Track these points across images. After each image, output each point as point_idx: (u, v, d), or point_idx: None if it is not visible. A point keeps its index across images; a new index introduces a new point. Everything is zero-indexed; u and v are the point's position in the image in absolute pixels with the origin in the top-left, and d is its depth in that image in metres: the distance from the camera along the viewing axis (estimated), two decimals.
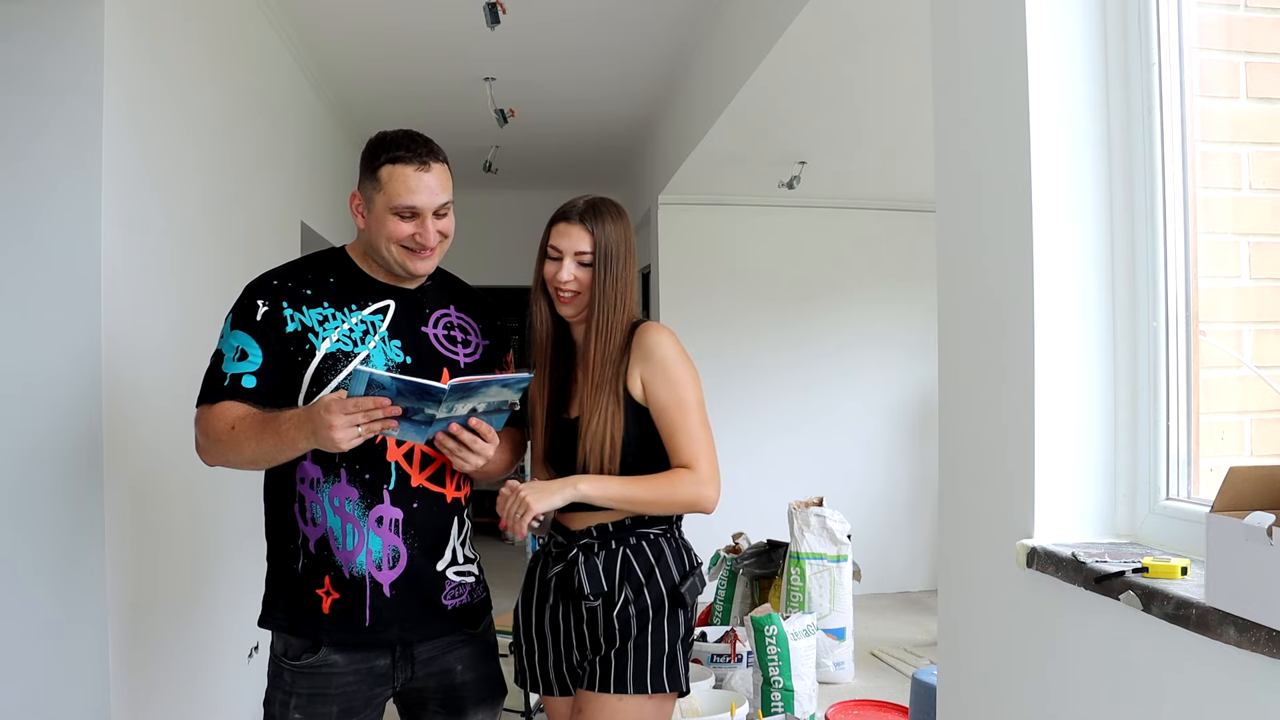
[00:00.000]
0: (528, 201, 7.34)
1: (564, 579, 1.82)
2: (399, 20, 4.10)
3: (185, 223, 2.95)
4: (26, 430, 2.27)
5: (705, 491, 1.77)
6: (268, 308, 1.72)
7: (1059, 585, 1.43)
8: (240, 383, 1.69)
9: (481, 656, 1.87)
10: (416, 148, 1.71)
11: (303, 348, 1.71)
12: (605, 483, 1.75)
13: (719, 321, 5.94)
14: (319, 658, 1.72)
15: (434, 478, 1.76)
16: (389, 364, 1.73)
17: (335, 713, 1.72)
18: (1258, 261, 1.50)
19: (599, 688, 1.75)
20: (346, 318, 1.74)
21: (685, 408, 1.78)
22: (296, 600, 1.74)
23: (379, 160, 1.72)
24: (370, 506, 1.71)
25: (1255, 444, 1.48)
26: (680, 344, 1.84)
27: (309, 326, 1.72)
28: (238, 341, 1.71)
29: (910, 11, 2.98)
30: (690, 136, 4.85)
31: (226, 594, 3.19)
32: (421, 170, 1.70)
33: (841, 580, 4.52)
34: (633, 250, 1.86)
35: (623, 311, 1.81)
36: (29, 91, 2.28)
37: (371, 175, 1.73)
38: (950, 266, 1.81)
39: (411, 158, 1.70)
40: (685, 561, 1.85)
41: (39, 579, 2.27)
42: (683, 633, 1.82)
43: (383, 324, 1.76)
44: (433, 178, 1.71)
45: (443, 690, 1.82)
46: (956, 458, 1.79)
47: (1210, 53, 1.48)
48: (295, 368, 1.70)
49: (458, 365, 1.80)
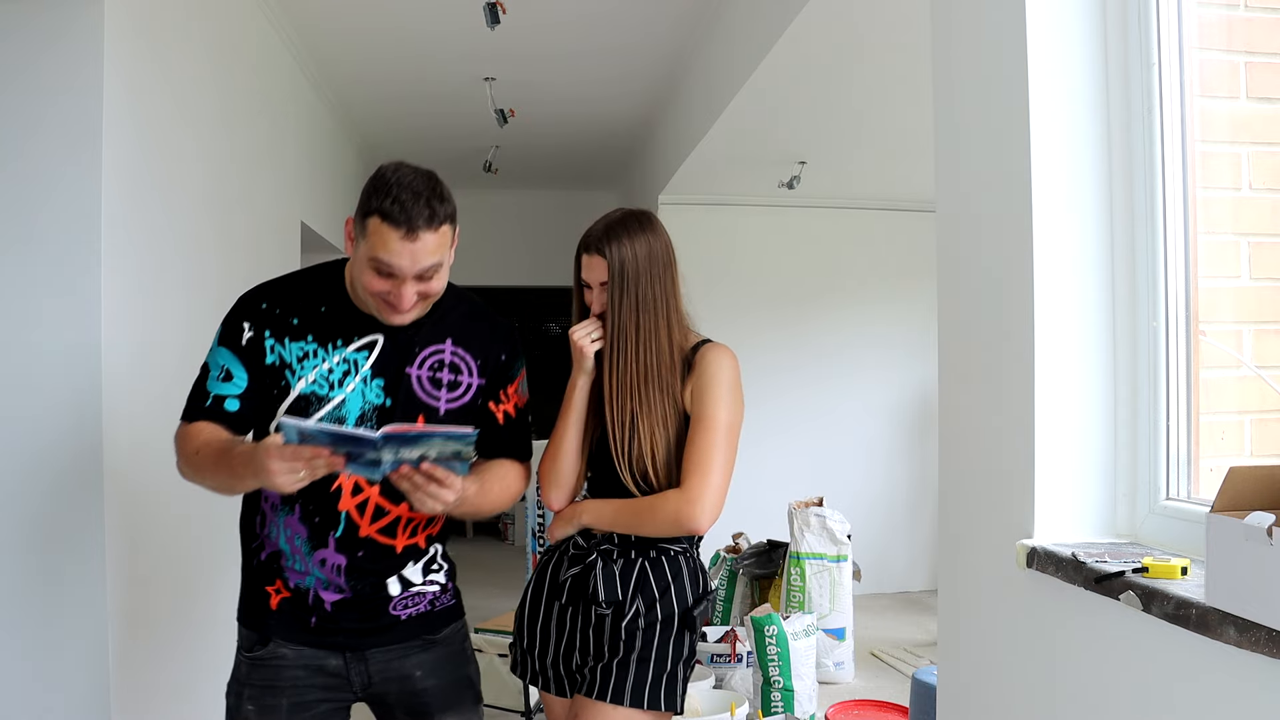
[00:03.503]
0: (528, 201, 7.34)
1: (579, 582, 1.82)
2: (399, 20, 4.10)
3: (186, 222, 2.95)
4: (26, 430, 2.27)
5: (686, 509, 1.73)
6: (252, 333, 1.67)
7: (1059, 585, 1.43)
8: (223, 405, 1.67)
9: (444, 662, 1.82)
10: (412, 210, 1.54)
11: (278, 382, 1.67)
12: (601, 509, 1.82)
13: (719, 321, 5.86)
14: (269, 650, 1.74)
15: (385, 529, 1.71)
16: (366, 406, 1.67)
17: (285, 706, 1.73)
18: (1258, 261, 1.50)
19: (596, 695, 1.75)
20: (328, 356, 1.68)
21: (708, 424, 1.76)
22: (250, 594, 1.78)
23: (371, 205, 1.57)
24: (315, 548, 1.70)
25: (1255, 444, 1.48)
26: (736, 369, 1.81)
27: (287, 363, 1.67)
28: (223, 360, 1.68)
29: (910, 11, 2.98)
30: (690, 136, 4.85)
31: (226, 596, 3.18)
32: (407, 240, 1.55)
33: (841, 580, 4.52)
34: (661, 262, 1.80)
35: (652, 328, 1.78)
36: (29, 91, 2.28)
37: (361, 217, 1.59)
38: (950, 266, 1.81)
39: (401, 222, 1.54)
40: (700, 584, 1.84)
41: (38, 581, 2.27)
42: (686, 654, 1.82)
43: (367, 361, 1.69)
44: (420, 246, 1.56)
45: (405, 696, 1.79)
46: (956, 458, 1.79)
47: (1210, 53, 1.48)
48: (270, 399, 1.68)
49: (436, 412, 1.72)
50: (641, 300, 1.78)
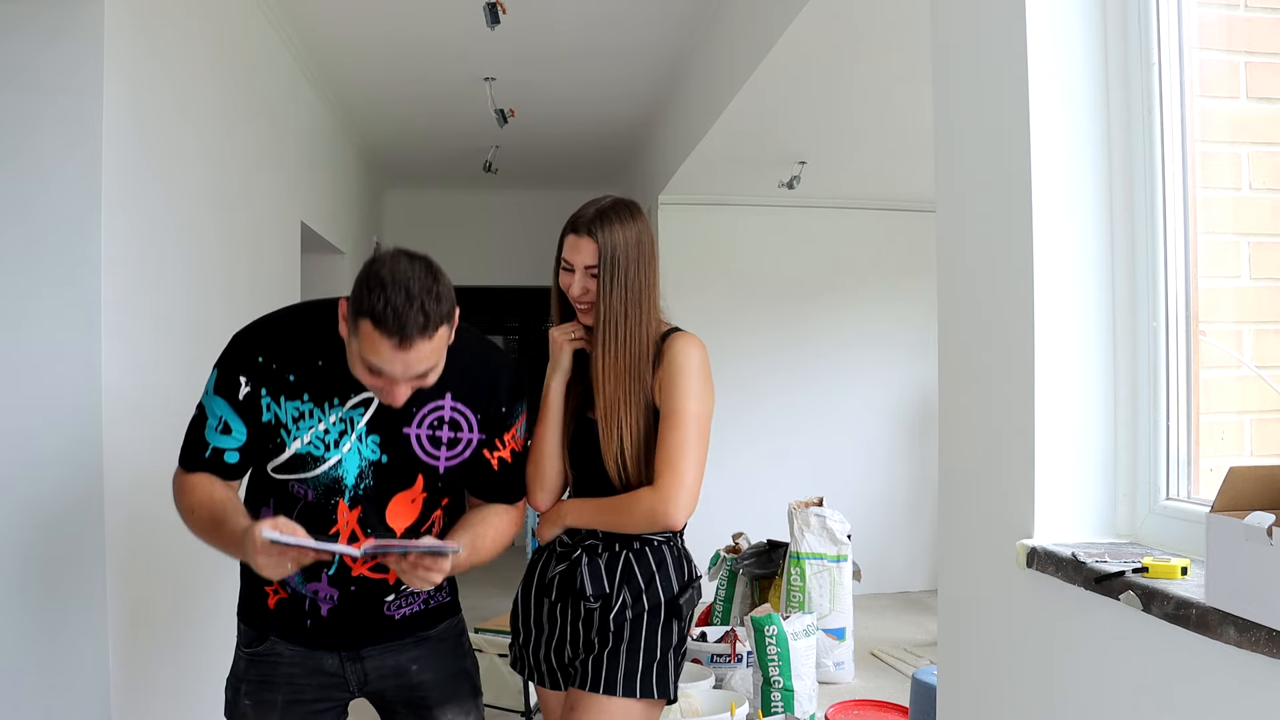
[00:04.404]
0: (528, 201, 7.34)
1: (566, 578, 1.84)
2: (399, 20, 4.10)
3: (186, 221, 2.95)
4: (26, 434, 2.27)
5: (660, 507, 1.73)
6: (249, 389, 1.65)
7: (1059, 585, 1.43)
8: (223, 458, 1.68)
9: (440, 655, 1.84)
10: (402, 321, 1.46)
11: (274, 440, 1.67)
12: (582, 508, 1.84)
13: (718, 321, 5.92)
14: (266, 647, 1.77)
15: (377, 568, 1.71)
16: (363, 463, 1.67)
17: (281, 701, 1.75)
18: (1258, 261, 1.50)
19: (589, 687, 1.77)
20: (324, 416, 1.65)
21: (680, 419, 1.75)
22: (249, 592, 1.81)
23: (363, 307, 1.48)
24: (308, 580, 1.72)
25: (1255, 444, 1.48)
26: (705, 358, 1.80)
27: (283, 422, 1.66)
28: (220, 411, 1.67)
29: (910, 11, 2.98)
30: (690, 136, 4.85)
31: (227, 596, 3.18)
32: (400, 350, 1.48)
33: (841, 580, 4.52)
34: (648, 253, 1.80)
35: (638, 318, 1.78)
36: (29, 90, 2.28)
37: (354, 314, 1.51)
38: (950, 266, 1.81)
39: (394, 331, 1.47)
40: (685, 572, 1.85)
41: (38, 591, 2.27)
42: (675, 642, 1.83)
43: (363, 418, 1.67)
44: (413, 355, 1.49)
45: (403, 690, 1.81)
46: (956, 458, 1.79)
47: (1210, 53, 1.48)
48: (266, 452, 1.68)
49: (436, 471, 1.71)
50: (630, 288, 1.77)
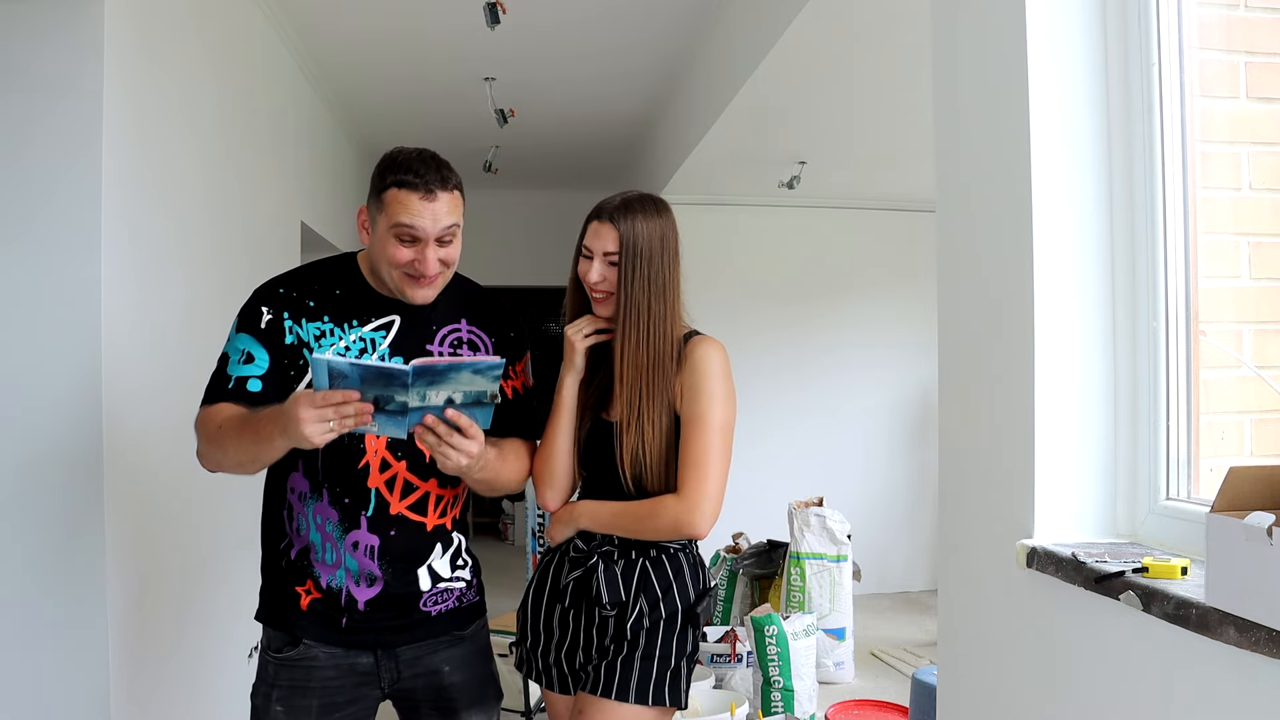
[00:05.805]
0: (528, 201, 7.34)
1: (581, 585, 1.82)
2: (399, 20, 4.10)
3: (186, 221, 2.95)
4: (27, 429, 2.27)
5: (686, 518, 1.72)
6: (271, 316, 1.71)
7: (1059, 585, 1.43)
8: (245, 386, 1.68)
9: (471, 658, 1.85)
10: (425, 174, 1.64)
11: (297, 362, 1.70)
12: (598, 512, 1.81)
13: (718, 321, 5.88)
14: (299, 651, 1.74)
15: (415, 506, 1.74)
16: None
17: (316, 706, 1.73)
18: (1258, 261, 1.50)
19: (601, 692, 1.75)
20: (345, 334, 1.72)
21: (702, 426, 1.73)
22: (279, 595, 1.77)
23: (386, 181, 1.66)
24: (348, 530, 1.70)
25: (1255, 444, 1.48)
26: (727, 363, 1.78)
27: (305, 341, 1.70)
28: (243, 345, 1.71)
29: (910, 11, 2.98)
30: (690, 136, 4.85)
31: (226, 594, 3.19)
32: (426, 200, 1.64)
33: (841, 580, 4.52)
34: (672, 249, 1.79)
35: (662, 313, 1.76)
36: (29, 91, 2.28)
37: (377, 195, 1.68)
38: (950, 266, 1.81)
39: (418, 184, 1.63)
40: (701, 580, 1.84)
41: (40, 579, 2.27)
42: (690, 650, 1.82)
43: (384, 340, 1.73)
44: (439, 205, 1.65)
45: (432, 691, 1.81)
46: (956, 458, 1.79)
47: (1210, 53, 1.48)
48: (290, 380, 1.70)
49: None
50: (653, 280, 1.76)
